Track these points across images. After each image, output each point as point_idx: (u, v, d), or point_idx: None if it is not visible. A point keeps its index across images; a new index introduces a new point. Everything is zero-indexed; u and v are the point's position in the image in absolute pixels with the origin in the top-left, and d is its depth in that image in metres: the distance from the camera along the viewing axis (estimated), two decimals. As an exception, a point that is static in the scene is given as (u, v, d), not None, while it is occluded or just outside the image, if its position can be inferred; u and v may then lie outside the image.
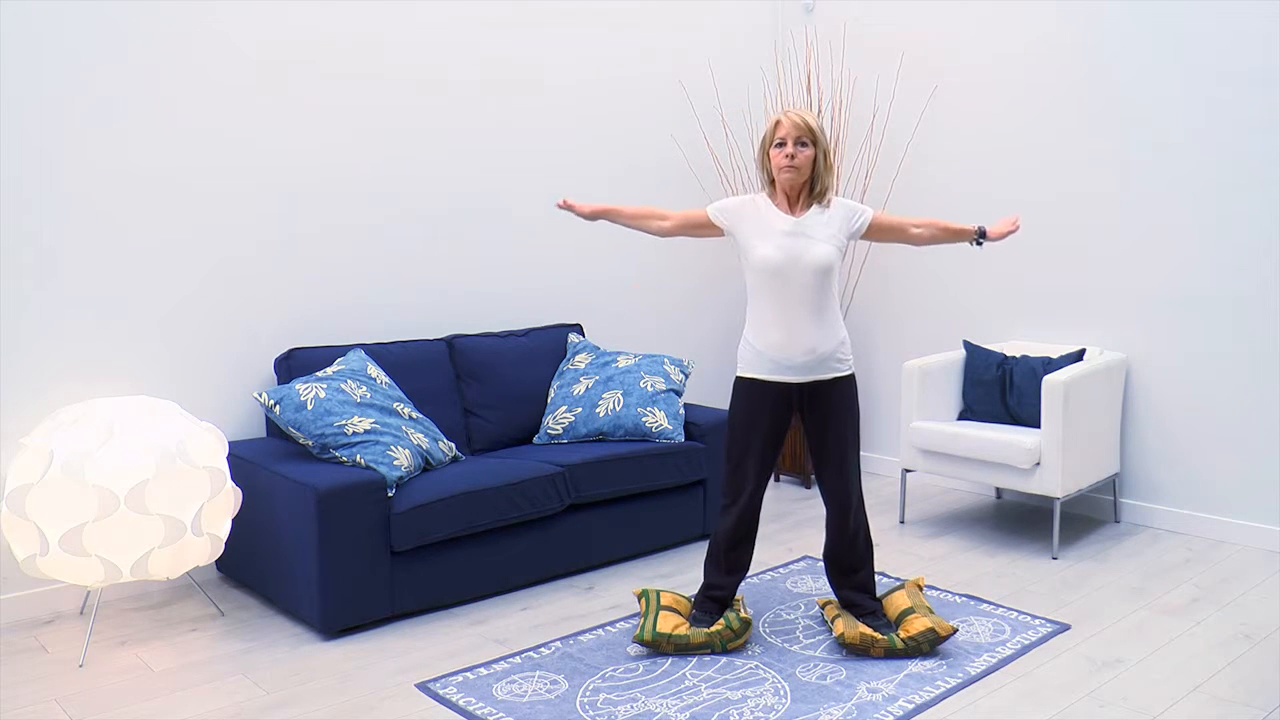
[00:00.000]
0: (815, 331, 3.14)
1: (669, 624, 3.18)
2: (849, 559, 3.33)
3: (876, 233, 3.30)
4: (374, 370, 3.80)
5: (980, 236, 3.36)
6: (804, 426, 3.29)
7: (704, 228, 3.32)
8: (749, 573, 3.61)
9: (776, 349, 3.15)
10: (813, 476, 5.22)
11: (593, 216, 3.37)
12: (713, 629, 3.18)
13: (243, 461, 3.58)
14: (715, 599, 3.32)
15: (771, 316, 3.16)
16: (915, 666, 3.07)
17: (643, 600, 3.35)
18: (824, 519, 3.41)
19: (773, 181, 3.21)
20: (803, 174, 3.15)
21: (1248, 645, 3.23)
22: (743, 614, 3.25)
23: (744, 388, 3.24)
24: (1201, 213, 4.23)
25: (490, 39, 4.49)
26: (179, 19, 3.68)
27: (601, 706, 2.84)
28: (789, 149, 3.13)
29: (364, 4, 4.11)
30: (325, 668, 3.12)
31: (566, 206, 3.35)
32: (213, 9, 3.75)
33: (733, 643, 3.18)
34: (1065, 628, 3.37)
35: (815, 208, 3.20)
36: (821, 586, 3.76)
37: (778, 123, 3.16)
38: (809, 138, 3.13)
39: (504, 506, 3.61)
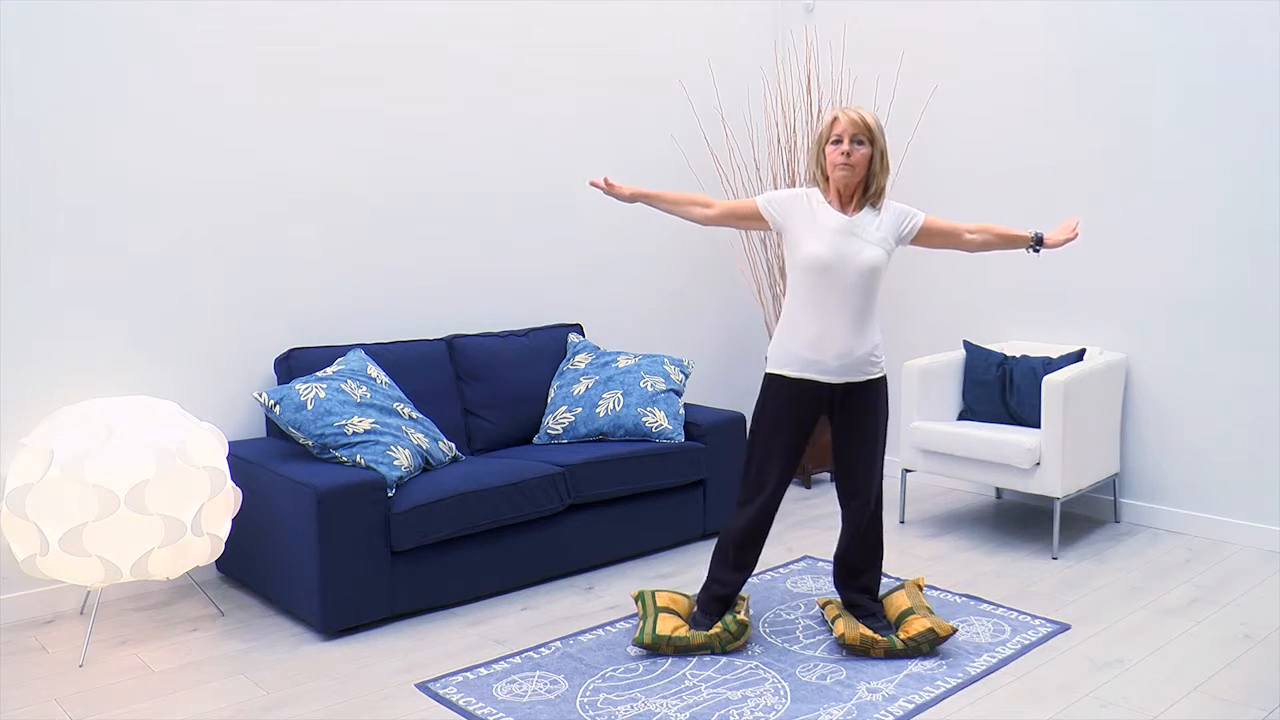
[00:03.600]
0: (852, 335, 3.09)
1: (668, 626, 3.17)
2: (860, 560, 3.31)
3: (928, 237, 3.22)
4: (374, 370, 3.80)
5: (1037, 243, 3.29)
6: (832, 426, 3.24)
7: (750, 219, 3.23)
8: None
9: (810, 348, 3.10)
10: (813, 476, 5.22)
11: (631, 199, 3.26)
12: (711, 632, 3.17)
13: (243, 461, 3.58)
14: (719, 597, 3.30)
15: (810, 314, 3.10)
16: (915, 666, 3.07)
17: (639, 603, 3.34)
18: (823, 518, 3.41)
19: (826, 178, 3.14)
20: (857, 173, 3.08)
21: (1248, 645, 3.23)
22: (740, 616, 3.24)
23: (773, 385, 3.18)
24: (1202, 213, 4.23)
25: (490, 40, 4.49)
26: (179, 23, 3.68)
27: (601, 706, 2.84)
28: (845, 146, 3.05)
29: (363, 6, 4.11)
30: (325, 668, 3.12)
31: (607, 186, 3.23)
32: (213, 13, 3.75)
33: (731, 645, 3.18)
34: (1065, 628, 3.37)
35: (868, 208, 3.13)
36: (822, 587, 3.76)
37: (835, 119, 3.08)
38: (866, 136, 3.06)
39: (504, 506, 3.61)
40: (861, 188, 3.13)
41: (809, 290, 3.10)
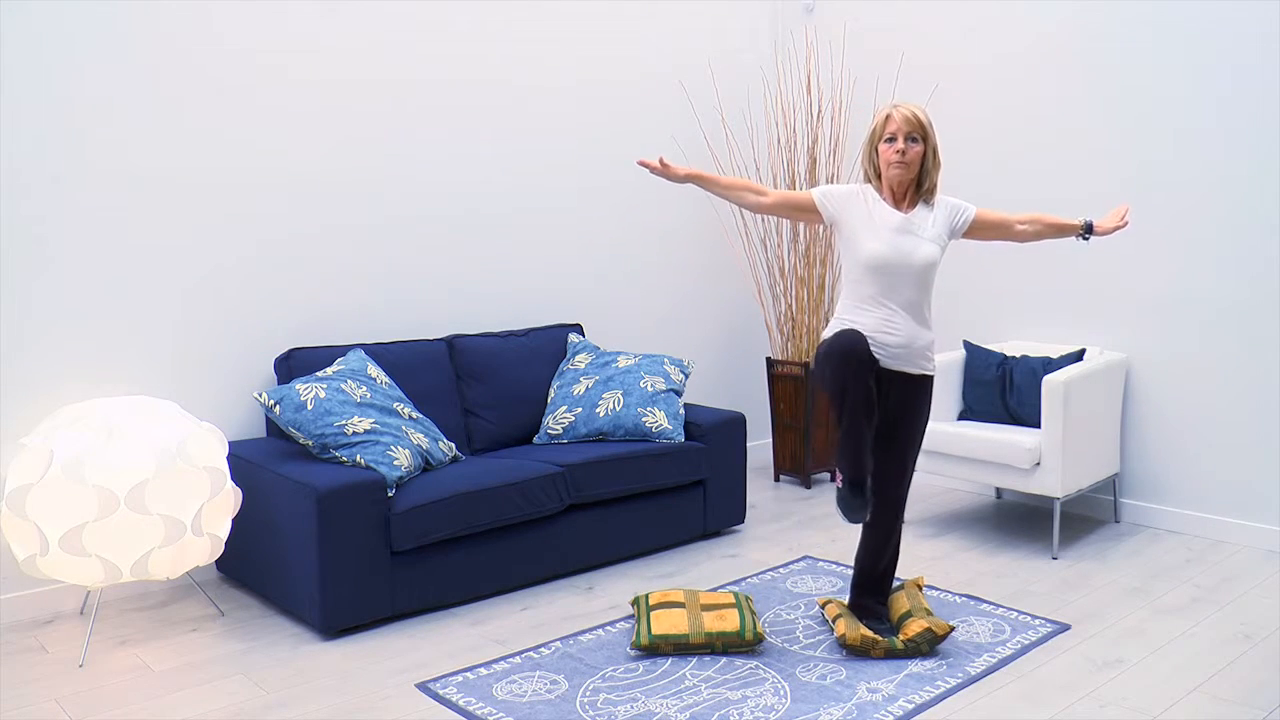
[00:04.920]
0: (911, 326, 3.11)
1: (662, 624, 3.17)
2: (882, 566, 3.29)
3: (979, 230, 3.23)
4: (374, 370, 3.80)
5: (1087, 231, 3.28)
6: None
7: (804, 212, 3.24)
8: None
9: (874, 334, 3.07)
10: (813, 476, 5.22)
11: (684, 180, 3.27)
12: (725, 630, 3.13)
13: (243, 461, 3.58)
14: (860, 481, 3.01)
15: (872, 308, 3.11)
16: (915, 666, 3.07)
17: (634, 606, 3.35)
18: (824, 518, 3.40)
19: (878, 175, 3.15)
20: (911, 170, 3.10)
21: (1248, 645, 3.23)
22: (759, 629, 3.18)
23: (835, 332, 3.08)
24: (1202, 213, 4.23)
25: (490, 40, 4.49)
26: (179, 19, 3.68)
27: (601, 706, 2.83)
28: (899, 144, 3.07)
29: (364, 6, 4.11)
30: (325, 668, 3.12)
31: (662, 166, 3.20)
32: (213, 10, 3.75)
33: (734, 647, 3.17)
34: (1065, 628, 3.37)
35: (922, 204, 3.15)
36: (822, 587, 3.75)
37: (888, 117, 3.09)
38: (920, 133, 3.08)
39: (504, 506, 3.61)
40: (914, 184, 3.15)
41: (867, 287, 3.11)
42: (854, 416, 2.99)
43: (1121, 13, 4.38)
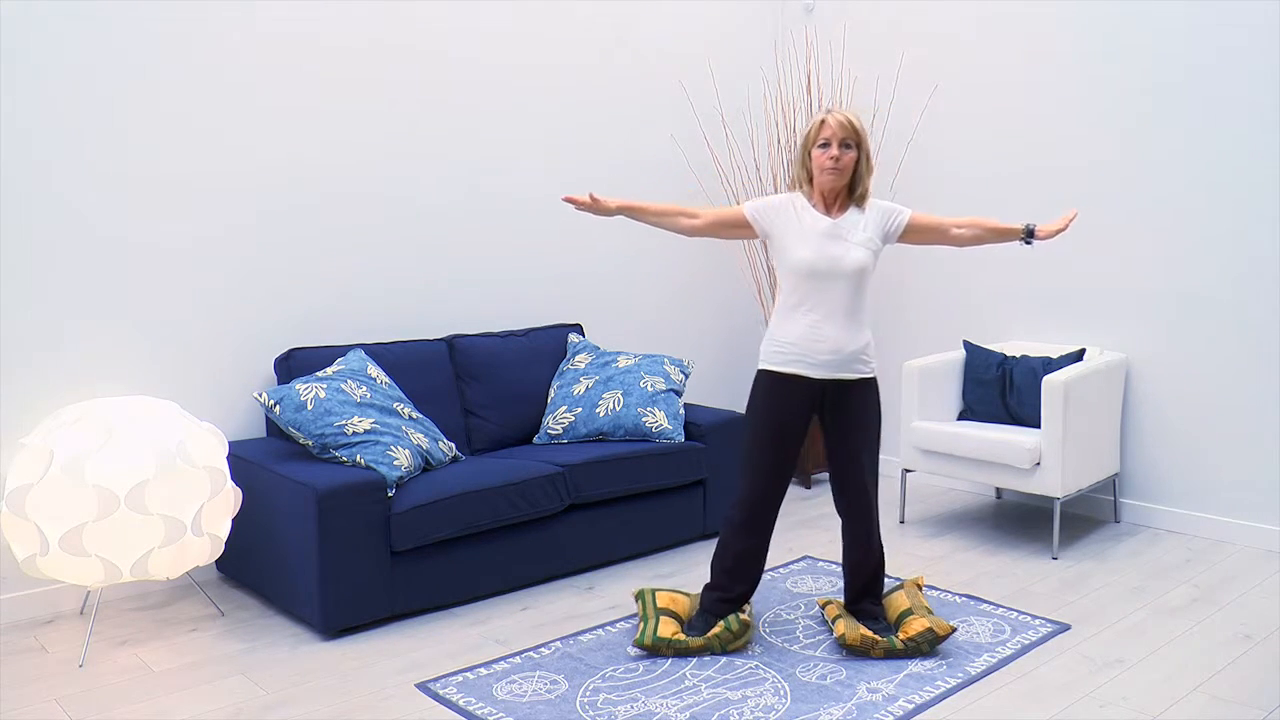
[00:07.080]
0: (844, 332, 3.09)
1: (669, 629, 3.17)
2: (865, 567, 3.29)
3: (915, 234, 3.20)
4: (374, 370, 3.80)
5: (1029, 235, 3.23)
6: (824, 430, 3.22)
7: (738, 227, 3.23)
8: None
9: (802, 344, 3.09)
10: (813, 477, 5.22)
11: (616, 212, 3.25)
12: (711, 633, 3.16)
13: (243, 461, 3.58)
14: (723, 600, 3.25)
15: (802, 315, 3.10)
16: (915, 666, 3.07)
17: (639, 602, 3.34)
18: (823, 518, 3.40)
19: (810, 180, 3.14)
20: (844, 176, 3.09)
21: (1248, 645, 3.23)
22: (744, 616, 3.22)
23: (765, 382, 3.17)
24: (1201, 213, 4.23)
25: (490, 41, 4.49)
26: (178, 19, 3.68)
27: (601, 706, 2.84)
28: (833, 150, 3.05)
29: (363, 6, 4.12)
30: (325, 668, 3.12)
31: (591, 201, 3.21)
32: (212, 10, 3.75)
33: (732, 645, 3.17)
34: (1065, 628, 3.37)
35: (853, 209, 3.14)
36: (822, 587, 3.76)
37: (822, 122, 3.08)
38: (854, 140, 3.07)
39: (504, 506, 3.61)
40: (847, 190, 3.14)
41: (799, 293, 3.12)
42: (730, 577, 3.26)
43: (1121, 14, 4.38)
